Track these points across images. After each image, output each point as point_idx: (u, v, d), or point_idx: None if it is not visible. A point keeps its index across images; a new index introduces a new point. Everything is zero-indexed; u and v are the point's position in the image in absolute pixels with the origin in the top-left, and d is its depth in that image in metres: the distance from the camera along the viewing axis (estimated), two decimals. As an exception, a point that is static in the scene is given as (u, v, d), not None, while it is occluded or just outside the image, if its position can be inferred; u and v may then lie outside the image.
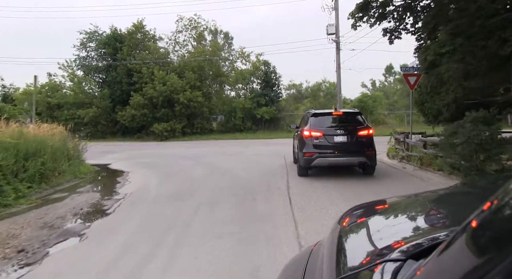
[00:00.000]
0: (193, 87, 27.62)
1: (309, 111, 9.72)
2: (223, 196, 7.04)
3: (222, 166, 11.27)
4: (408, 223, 1.54)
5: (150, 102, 26.69)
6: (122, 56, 28.53)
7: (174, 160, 13.48)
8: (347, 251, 1.28)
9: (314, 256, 1.47)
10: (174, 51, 31.31)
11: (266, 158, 12.76)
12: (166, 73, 27.31)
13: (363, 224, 1.56)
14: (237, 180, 8.82)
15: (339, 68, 25.65)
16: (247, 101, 29.40)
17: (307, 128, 8.42)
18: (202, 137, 26.81)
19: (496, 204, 0.72)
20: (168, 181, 9.02)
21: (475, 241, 0.70)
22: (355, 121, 8.63)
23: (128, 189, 8.17)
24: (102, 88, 29.32)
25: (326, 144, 8.11)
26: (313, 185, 7.67)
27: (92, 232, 5.03)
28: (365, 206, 1.85)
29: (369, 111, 27.99)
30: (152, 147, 19.93)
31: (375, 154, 8.38)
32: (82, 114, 27.25)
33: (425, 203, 1.84)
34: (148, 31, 30.54)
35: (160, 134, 26.10)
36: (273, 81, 30.89)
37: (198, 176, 9.52)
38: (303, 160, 8.31)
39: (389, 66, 52.44)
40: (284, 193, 7.10)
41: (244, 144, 20.32)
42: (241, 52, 31.15)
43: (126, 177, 9.85)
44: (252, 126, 29.05)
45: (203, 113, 28.22)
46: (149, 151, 17.73)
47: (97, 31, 30.27)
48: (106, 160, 13.77)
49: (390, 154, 12.05)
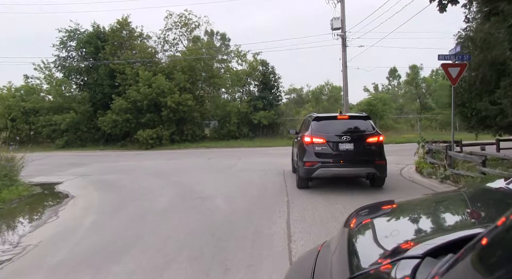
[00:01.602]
0: (183, 89, 24.78)
1: (310, 115, 8.68)
2: (175, 257, 4.14)
3: (198, 189, 8.36)
4: (418, 223, 1.53)
5: (134, 107, 23.81)
6: (104, 56, 25.73)
7: (143, 177, 10.59)
8: (359, 250, 1.26)
9: (322, 257, 1.47)
10: (163, 50, 28.53)
11: (261, 176, 9.87)
12: (152, 74, 24.46)
13: (372, 224, 1.53)
14: (212, 217, 5.92)
15: (345, 67, 22.81)
16: (243, 105, 26.53)
17: (308, 134, 7.45)
18: (193, 145, 23.91)
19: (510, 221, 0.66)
20: (111, 218, 6.13)
21: (483, 260, 0.66)
22: (363, 127, 7.61)
23: (41, 234, 5.27)
24: (83, 91, 26.49)
25: (329, 152, 7.19)
26: (332, 225, 4.77)
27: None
28: (372, 207, 1.86)
29: (379, 115, 25.08)
30: (130, 158, 17.04)
31: (386, 163, 7.38)
32: (59, 120, 24.39)
33: (433, 203, 1.85)
34: (134, 28, 27.77)
35: (145, 142, 23.21)
36: (271, 83, 28.03)
37: (157, 209, 6.62)
38: (303, 170, 7.31)
39: (393, 69, 50.03)
40: (282, 249, 4.22)
41: (237, 153, 17.43)
42: (237, 51, 28.36)
43: (60, 208, 6.95)
44: (249, 132, 26.13)
45: (194, 119, 25.33)
46: (123, 163, 14.84)
47: (78, 29, 27.49)
48: (61, 176, 10.92)
49: (424, 170, 9.11)
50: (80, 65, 27.34)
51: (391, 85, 51.35)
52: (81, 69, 27.28)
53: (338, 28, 22.60)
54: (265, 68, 27.92)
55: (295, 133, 9.45)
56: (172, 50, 28.78)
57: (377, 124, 26.54)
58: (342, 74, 23.27)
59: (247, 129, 26.06)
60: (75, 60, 27.55)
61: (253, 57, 27.52)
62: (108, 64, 25.29)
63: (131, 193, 8.26)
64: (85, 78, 27.30)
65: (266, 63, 27.84)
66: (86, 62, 26.91)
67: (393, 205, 1.94)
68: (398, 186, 8.03)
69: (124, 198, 7.70)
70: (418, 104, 38.18)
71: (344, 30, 22.22)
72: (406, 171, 10.21)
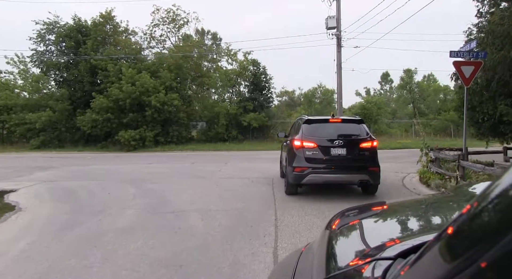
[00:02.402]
0: (169, 88, 23.51)
1: (301, 117, 8.29)
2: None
3: (174, 200, 7.15)
4: (398, 225, 1.57)
5: (116, 106, 22.44)
6: (85, 51, 24.32)
7: (115, 184, 9.33)
8: (337, 251, 1.29)
9: (304, 258, 1.50)
10: (150, 47, 27.21)
11: (247, 185, 8.70)
12: (137, 71, 23.12)
13: (353, 226, 1.55)
14: (183, 239, 4.73)
15: (340, 68, 21.82)
16: (232, 106, 25.36)
17: (299, 137, 7.09)
18: (178, 147, 22.62)
19: (475, 207, 0.67)
20: (56, 241, 4.87)
21: (448, 248, 0.69)
22: (356, 131, 7.25)
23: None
24: (61, 88, 24.99)
25: (321, 157, 6.84)
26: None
27: None
28: (355, 209, 1.86)
29: (373, 119, 24.10)
30: (107, 161, 15.71)
31: (379, 170, 7.03)
32: (33, 118, 22.87)
33: (415, 206, 1.87)
34: (119, 23, 26.41)
35: (127, 143, 21.84)
36: (262, 84, 26.90)
37: (119, 227, 5.39)
38: (293, 176, 6.93)
39: (385, 74, 49.54)
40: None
41: (224, 158, 16.23)
42: (227, 49, 27.19)
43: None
44: (238, 135, 24.93)
45: (180, 120, 24.04)
46: (98, 166, 13.52)
47: (58, 21, 26.01)
48: (19, 183, 9.60)
49: (431, 181, 8.02)
50: (60, 61, 25.85)
51: (383, 89, 50.83)
52: (60, 64, 25.77)
53: (333, 27, 21.63)
54: (256, 68, 26.80)
55: (285, 137, 9.08)
56: (159, 48, 27.52)
57: (371, 129, 25.61)
58: (336, 76, 22.27)
59: (236, 132, 24.87)
60: (54, 55, 26.05)
61: (244, 56, 26.40)
62: (90, 60, 23.88)
63: (94, 204, 7.00)
64: (64, 74, 25.79)
65: (257, 63, 26.73)
66: (65, 57, 25.42)
67: (377, 207, 1.96)
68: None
69: (83, 211, 6.45)
70: (411, 109, 37.51)
71: (339, 29, 21.25)
72: (409, 181, 9.15)
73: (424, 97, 35.27)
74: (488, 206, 0.63)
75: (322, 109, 32.51)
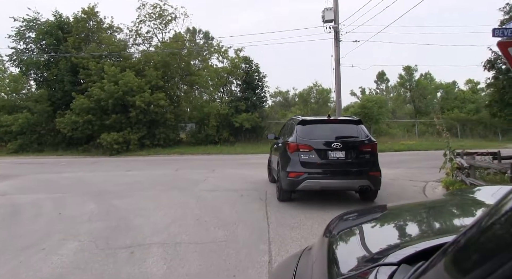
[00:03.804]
0: (155, 88, 21.89)
1: (293, 118, 7.88)
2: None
3: (137, 225, 5.55)
4: (399, 230, 1.50)
5: (98, 106, 20.77)
6: (66, 49, 22.62)
7: (75, 199, 7.71)
8: (339, 256, 1.24)
9: (303, 263, 1.46)
10: (135, 44, 25.55)
11: (234, 201, 7.13)
12: (120, 70, 21.45)
13: (353, 231, 1.51)
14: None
15: (338, 64, 20.29)
16: (223, 106, 23.78)
17: (293, 139, 6.57)
18: (165, 151, 21.00)
19: (485, 222, 0.64)
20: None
21: (456, 263, 0.65)
22: (355, 133, 6.72)
23: None
24: (41, 89, 23.27)
25: (317, 161, 6.31)
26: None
27: None
28: (354, 213, 1.79)
29: (374, 119, 22.59)
30: (81, 167, 14.05)
31: (381, 175, 6.54)
32: (9, 121, 21.14)
33: (416, 210, 1.80)
34: (102, 19, 24.74)
35: (109, 147, 20.17)
36: (255, 83, 25.33)
37: (43, 273, 3.78)
38: (287, 181, 6.40)
39: (381, 73, 48.31)
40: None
41: (212, 163, 14.65)
42: (218, 46, 25.60)
43: None
44: (229, 137, 23.35)
45: (167, 121, 22.41)
46: (67, 174, 11.85)
47: (38, 18, 24.34)
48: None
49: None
50: (40, 59, 24.12)
51: (379, 89, 49.53)
52: (40, 63, 24.04)
53: (330, 20, 20.14)
54: (249, 66, 25.24)
55: (274, 138, 8.59)
56: (145, 45, 25.87)
57: (371, 130, 24.13)
58: (334, 73, 20.74)
59: (228, 134, 23.30)
60: (34, 54, 24.32)
61: (235, 53, 24.84)
62: (70, 58, 22.19)
63: (32, 231, 5.39)
64: (44, 74, 24.05)
65: (249, 60, 25.16)
66: (45, 55, 23.70)
67: (377, 211, 1.91)
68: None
69: (9, 244, 4.83)
70: (410, 108, 36.14)
71: (337, 22, 19.74)
72: (432, 192, 7.65)
73: (424, 96, 33.88)
74: (501, 219, 0.59)
75: (319, 109, 31.00)
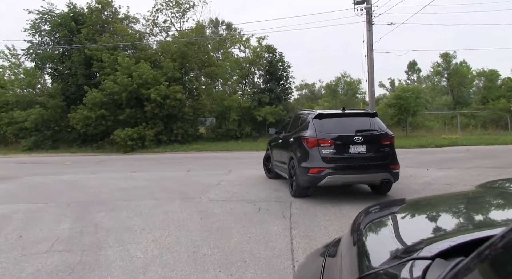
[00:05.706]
0: (172, 80, 20.51)
1: (302, 112, 7.77)
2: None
3: (105, 266, 3.96)
4: (430, 222, 1.48)
5: (111, 100, 19.62)
6: (79, 40, 21.58)
7: (54, 210, 6.28)
8: (369, 250, 1.21)
9: (330, 258, 1.44)
10: (152, 34, 24.27)
11: (247, 217, 5.43)
12: (135, 61, 20.19)
13: (383, 223, 1.50)
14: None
15: (371, 50, 18.11)
16: (245, 99, 22.15)
17: (311, 134, 6.32)
18: (182, 147, 19.63)
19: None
20: None
21: (495, 267, 0.62)
22: (373, 126, 6.57)
23: None
24: (54, 83, 22.41)
25: (339, 156, 6.15)
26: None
27: None
28: (382, 205, 1.80)
29: (411, 111, 20.33)
30: (86, 167, 12.78)
31: (399, 167, 6.49)
32: (22, 116, 20.35)
33: (449, 202, 1.78)
34: (117, 9, 23.57)
35: (123, 144, 18.99)
36: (279, 73, 23.53)
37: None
38: (307, 178, 6.18)
39: (412, 63, 45.29)
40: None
41: (230, 162, 13.07)
42: (239, 35, 23.93)
43: None
44: (252, 132, 21.72)
45: (185, 115, 21.01)
46: (67, 176, 10.53)
47: (53, 10, 23.44)
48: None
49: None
50: (54, 52, 23.26)
51: (410, 79, 46.47)
52: (54, 56, 23.16)
53: (362, 1, 18.04)
54: (272, 55, 23.46)
55: (275, 133, 8.74)
56: (163, 36, 24.55)
57: (407, 123, 21.86)
58: (366, 60, 18.66)
59: (250, 128, 21.66)
60: (49, 47, 23.48)
61: (258, 42, 23.07)
62: (84, 50, 21.13)
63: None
64: (59, 67, 23.18)
65: (273, 49, 23.37)
66: (59, 48, 22.79)
67: (404, 204, 1.88)
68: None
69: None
70: (448, 99, 33.22)
71: (370, 3, 17.60)
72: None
73: (464, 85, 30.97)
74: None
75: (348, 101, 28.83)
